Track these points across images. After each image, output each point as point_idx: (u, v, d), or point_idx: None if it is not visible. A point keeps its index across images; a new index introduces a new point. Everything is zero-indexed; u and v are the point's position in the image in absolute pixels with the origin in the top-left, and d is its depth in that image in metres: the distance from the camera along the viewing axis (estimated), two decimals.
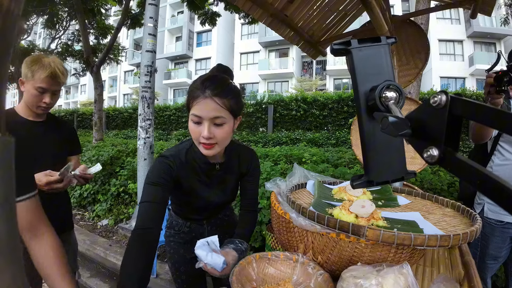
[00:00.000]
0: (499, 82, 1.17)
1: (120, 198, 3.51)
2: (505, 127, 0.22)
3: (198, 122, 0.81)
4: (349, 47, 0.37)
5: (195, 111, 0.80)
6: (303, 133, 8.35)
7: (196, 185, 0.95)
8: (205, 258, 0.78)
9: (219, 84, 0.81)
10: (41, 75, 1.15)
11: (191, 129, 0.83)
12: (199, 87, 0.80)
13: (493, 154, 1.44)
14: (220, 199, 1.02)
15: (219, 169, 0.97)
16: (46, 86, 1.18)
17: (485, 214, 1.43)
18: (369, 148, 0.38)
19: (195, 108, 0.80)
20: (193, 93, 0.81)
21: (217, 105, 0.79)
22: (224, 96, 0.80)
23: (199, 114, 0.79)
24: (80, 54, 9.25)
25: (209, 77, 0.83)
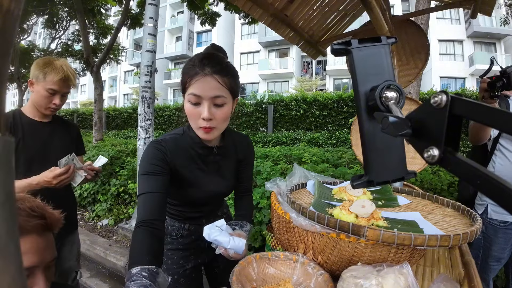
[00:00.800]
0: (493, 87, 1.19)
1: (120, 198, 3.51)
2: (505, 126, 0.22)
3: (197, 103, 0.76)
4: (349, 47, 0.37)
5: (194, 90, 0.74)
6: (303, 133, 8.35)
7: (193, 173, 0.88)
8: (227, 244, 0.77)
9: (219, 61, 0.77)
10: (54, 78, 1.18)
11: (188, 111, 0.78)
12: (197, 64, 0.74)
13: (493, 154, 1.44)
14: (219, 187, 0.94)
15: (217, 153, 0.91)
16: (58, 88, 1.21)
17: (488, 215, 1.43)
18: (369, 148, 0.38)
19: (193, 87, 0.74)
20: (190, 71, 0.75)
21: (217, 83, 0.74)
22: (224, 74, 0.76)
23: (199, 93, 0.74)
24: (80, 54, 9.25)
25: (207, 55, 0.77)
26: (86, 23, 6.48)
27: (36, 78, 1.19)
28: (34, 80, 1.20)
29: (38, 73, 1.19)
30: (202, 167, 0.91)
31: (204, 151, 0.89)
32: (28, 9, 6.86)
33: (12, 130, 1.18)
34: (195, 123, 0.79)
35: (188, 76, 0.76)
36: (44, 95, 1.20)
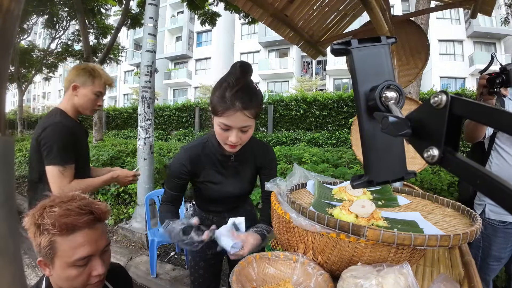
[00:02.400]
0: (492, 83, 1.19)
1: (120, 198, 3.51)
2: (505, 126, 0.22)
3: (226, 129, 0.87)
4: (349, 47, 0.37)
5: (224, 121, 0.85)
6: (303, 133, 8.35)
7: (213, 175, 1.05)
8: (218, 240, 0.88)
9: (249, 96, 0.85)
10: (101, 82, 1.35)
11: (218, 132, 0.90)
12: (228, 98, 0.83)
13: (490, 154, 1.45)
14: (235, 189, 1.09)
15: (234, 160, 1.05)
16: (104, 90, 1.39)
17: (486, 215, 1.43)
18: (369, 148, 0.38)
19: (224, 119, 0.85)
20: (221, 103, 0.84)
21: (246, 117, 0.85)
22: (252, 107, 0.85)
23: (229, 124, 0.85)
24: (80, 54, 9.26)
25: (239, 89, 0.84)
26: (86, 23, 6.47)
27: (83, 83, 1.31)
28: (81, 85, 1.31)
29: (85, 78, 1.31)
30: (222, 171, 1.06)
31: (223, 158, 1.04)
32: (28, 9, 6.86)
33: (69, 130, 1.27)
34: (222, 141, 0.93)
35: (219, 107, 0.85)
36: (92, 98, 1.33)
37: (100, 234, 0.71)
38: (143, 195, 2.75)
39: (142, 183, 2.87)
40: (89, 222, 0.67)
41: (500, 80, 1.16)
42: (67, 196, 0.71)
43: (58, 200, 0.69)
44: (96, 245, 0.69)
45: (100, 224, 0.72)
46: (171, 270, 2.39)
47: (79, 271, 0.67)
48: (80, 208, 0.67)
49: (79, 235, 0.66)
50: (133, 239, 2.94)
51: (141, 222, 2.95)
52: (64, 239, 0.65)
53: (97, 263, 0.69)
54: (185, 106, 11.19)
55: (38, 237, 0.65)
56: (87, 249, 0.67)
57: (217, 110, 0.85)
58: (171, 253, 2.68)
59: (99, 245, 0.70)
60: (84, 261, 0.67)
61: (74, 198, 0.70)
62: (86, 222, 0.66)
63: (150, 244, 2.26)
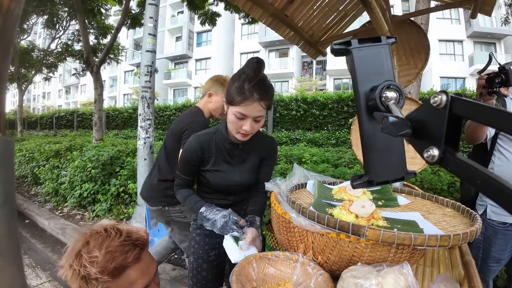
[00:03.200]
0: (491, 83, 1.19)
1: (120, 198, 3.51)
2: (505, 126, 0.22)
3: (242, 118, 0.93)
4: (349, 47, 0.37)
5: (241, 110, 0.91)
6: (303, 133, 8.35)
7: (220, 164, 1.08)
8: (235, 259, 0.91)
9: (265, 88, 0.91)
10: None
11: (232, 121, 0.95)
12: (247, 89, 0.89)
13: (492, 155, 1.44)
14: (242, 178, 1.11)
15: (242, 148, 1.08)
16: None
17: (487, 216, 1.42)
18: (369, 148, 0.38)
19: (241, 108, 0.91)
20: (240, 93, 0.90)
21: (261, 108, 0.92)
22: (267, 98, 0.92)
23: (246, 113, 0.91)
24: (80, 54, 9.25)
25: (257, 82, 0.90)
26: (86, 23, 6.47)
27: (216, 91, 1.56)
28: (214, 93, 1.56)
29: (217, 87, 1.55)
30: (229, 159, 1.09)
31: (231, 146, 1.07)
32: (28, 9, 6.86)
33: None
34: (235, 129, 0.97)
35: (238, 96, 0.90)
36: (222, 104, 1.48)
37: (148, 262, 0.68)
38: None
39: (142, 183, 2.87)
40: (137, 256, 0.64)
41: (499, 79, 1.16)
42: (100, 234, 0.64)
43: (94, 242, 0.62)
44: (148, 273, 0.67)
45: (145, 251, 0.69)
46: (171, 270, 2.39)
47: None
48: (123, 245, 0.62)
49: (131, 273, 0.63)
50: None
51: (141, 222, 2.95)
52: (117, 282, 0.61)
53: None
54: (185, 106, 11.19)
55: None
56: (142, 282, 0.64)
57: (234, 100, 0.91)
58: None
59: (151, 272, 0.68)
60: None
61: (109, 234, 0.64)
62: (134, 258, 0.63)
63: (150, 244, 2.25)
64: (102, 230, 0.65)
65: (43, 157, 4.92)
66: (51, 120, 17.09)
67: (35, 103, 36.43)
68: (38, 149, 5.39)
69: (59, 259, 0.65)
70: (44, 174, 4.50)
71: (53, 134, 15.06)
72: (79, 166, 3.66)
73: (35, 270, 2.50)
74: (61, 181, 4.08)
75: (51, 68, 11.97)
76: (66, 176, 3.99)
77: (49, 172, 4.44)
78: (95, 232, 0.64)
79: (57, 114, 16.86)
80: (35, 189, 5.08)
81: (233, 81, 0.94)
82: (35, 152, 5.38)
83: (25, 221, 3.72)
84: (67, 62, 11.61)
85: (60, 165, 4.46)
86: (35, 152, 5.36)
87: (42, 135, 13.98)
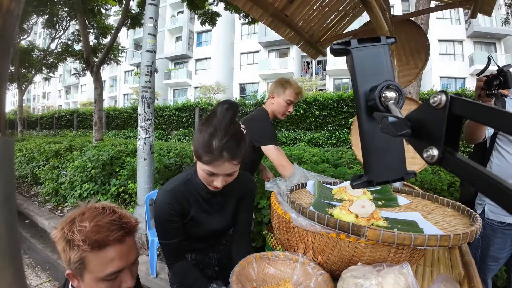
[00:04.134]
0: (489, 85, 1.19)
1: (120, 198, 3.51)
2: (504, 126, 0.22)
3: (212, 175, 0.83)
4: (349, 47, 0.37)
5: (210, 169, 0.80)
6: (303, 133, 8.35)
7: (198, 214, 0.96)
8: None
9: (237, 144, 0.79)
10: (291, 92, 1.60)
11: (202, 176, 0.85)
12: (215, 149, 0.77)
13: (491, 154, 1.44)
14: (221, 225, 1.02)
15: (218, 196, 0.98)
16: (294, 99, 1.63)
17: (485, 215, 1.43)
18: (369, 148, 0.38)
19: (210, 167, 0.80)
20: (207, 153, 0.78)
21: (233, 166, 0.81)
22: (240, 155, 0.81)
23: (216, 172, 0.81)
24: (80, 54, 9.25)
25: (228, 139, 0.78)
26: (86, 23, 6.47)
27: (278, 93, 1.63)
28: (276, 95, 1.64)
29: (279, 89, 1.62)
30: (207, 208, 0.98)
31: (208, 195, 0.96)
32: (28, 9, 6.86)
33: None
34: (206, 183, 0.88)
35: (206, 156, 0.79)
36: (283, 105, 1.62)
37: (130, 247, 0.70)
38: (143, 195, 2.75)
39: (142, 183, 2.87)
40: (120, 237, 0.67)
41: (497, 82, 1.17)
42: (96, 209, 0.69)
43: (88, 214, 0.67)
44: (127, 259, 0.68)
45: (130, 237, 0.71)
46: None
47: (109, 284, 0.66)
48: (111, 223, 0.66)
49: (110, 250, 0.65)
50: None
51: (141, 222, 2.94)
52: (95, 255, 0.64)
53: (127, 276, 0.69)
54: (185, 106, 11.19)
55: (67, 252, 0.64)
56: (118, 264, 0.66)
57: (202, 158, 0.80)
58: None
59: (130, 258, 0.69)
60: (115, 275, 0.66)
61: (104, 211, 0.69)
62: (116, 239, 0.66)
63: (150, 244, 2.26)
64: (100, 207, 0.70)
65: (43, 157, 4.92)
66: (51, 120, 17.10)
67: (35, 103, 36.44)
68: (38, 149, 5.39)
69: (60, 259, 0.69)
70: (44, 174, 4.50)
71: (53, 134, 15.06)
72: (79, 166, 3.66)
73: (35, 270, 2.51)
74: (61, 181, 4.08)
75: (51, 68, 11.97)
76: (66, 176, 3.99)
77: (49, 172, 4.45)
78: (94, 207, 0.70)
79: (57, 114, 16.87)
80: (35, 189, 5.08)
81: (200, 132, 0.80)
82: (35, 152, 5.38)
83: (25, 221, 3.72)
84: (67, 62, 11.61)
85: (60, 165, 4.47)
86: (35, 152, 5.36)
87: (42, 135, 13.98)
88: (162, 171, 3.45)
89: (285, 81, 1.63)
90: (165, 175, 3.48)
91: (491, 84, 1.18)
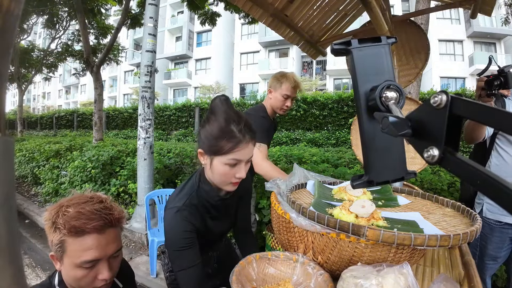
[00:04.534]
0: (490, 86, 1.20)
1: (120, 198, 3.51)
2: (505, 126, 0.22)
3: (235, 165, 0.80)
4: (349, 47, 0.37)
5: (237, 156, 0.78)
6: (303, 133, 8.36)
7: (208, 223, 0.92)
8: None
9: (251, 125, 0.81)
10: (288, 86, 1.56)
11: (223, 172, 0.80)
12: (237, 133, 0.77)
13: (490, 154, 1.45)
14: (227, 227, 1.03)
15: (229, 197, 0.95)
16: (292, 93, 1.58)
17: (483, 214, 1.43)
18: (369, 148, 0.38)
19: (237, 154, 0.78)
20: (231, 139, 0.77)
21: (252, 149, 0.82)
22: (255, 136, 0.82)
23: (240, 158, 0.79)
24: (80, 54, 9.25)
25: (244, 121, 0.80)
26: (86, 23, 6.47)
27: (274, 88, 1.59)
28: (273, 89, 1.60)
29: (275, 84, 1.58)
30: (215, 215, 0.94)
31: (218, 201, 0.92)
32: (28, 9, 6.86)
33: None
34: (227, 180, 0.83)
35: (229, 143, 0.77)
36: (280, 99, 1.59)
37: (110, 239, 0.70)
38: (143, 195, 2.75)
39: (142, 183, 2.87)
40: (98, 227, 0.67)
41: (498, 82, 1.17)
42: (85, 197, 0.71)
43: (75, 201, 0.69)
44: (105, 250, 0.68)
45: (112, 229, 0.71)
46: None
47: (85, 272, 0.67)
48: (92, 212, 0.67)
49: (88, 238, 0.66)
50: (133, 239, 2.94)
51: (141, 222, 2.95)
52: (74, 240, 0.65)
53: (103, 268, 0.69)
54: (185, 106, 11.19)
55: (51, 234, 0.67)
56: (94, 253, 0.66)
57: (224, 149, 0.77)
58: None
59: (108, 250, 0.69)
60: (91, 264, 0.67)
61: (92, 200, 0.70)
62: (94, 228, 0.66)
63: (150, 244, 2.26)
64: (89, 196, 0.72)
65: (43, 157, 4.92)
66: (51, 120, 17.10)
67: (35, 103, 36.44)
68: (38, 149, 5.39)
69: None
70: (44, 174, 4.50)
71: (53, 134, 15.07)
72: (79, 166, 3.66)
73: (35, 270, 2.51)
74: (61, 181, 4.08)
75: (51, 68, 11.97)
76: (66, 176, 3.99)
77: (49, 172, 4.45)
78: (84, 195, 0.72)
79: (57, 114, 16.87)
80: (35, 189, 5.08)
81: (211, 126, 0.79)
82: (35, 152, 5.38)
83: (25, 221, 3.72)
84: (67, 62, 11.61)
85: (60, 165, 4.47)
86: (35, 152, 5.36)
87: (42, 135, 13.99)
88: (162, 171, 3.45)
89: (281, 75, 1.59)
90: (165, 175, 3.48)
91: (492, 84, 1.19)
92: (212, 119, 0.80)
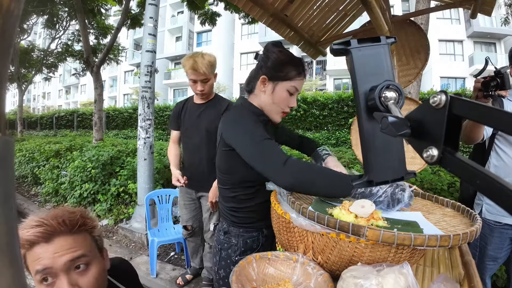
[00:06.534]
0: (487, 87, 1.20)
1: (120, 198, 3.51)
2: (504, 126, 0.22)
3: (292, 94, 0.91)
4: (349, 47, 0.37)
5: (296, 84, 0.90)
6: (303, 133, 8.34)
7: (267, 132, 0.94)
8: None
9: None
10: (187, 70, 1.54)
11: (282, 98, 0.91)
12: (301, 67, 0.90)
13: (490, 155, 1.45)
14: None
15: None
16: (194, 77, 1.55)
17: (483, 215, 1.43)
18: (369, 148, 0.38)
19: (297, 82, 0.90)
20: (298, 68, 0.89)
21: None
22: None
23: (299, 88, 0.92)
24: (80, 54, 9.26)
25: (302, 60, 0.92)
26: (86, 23, 6.47)
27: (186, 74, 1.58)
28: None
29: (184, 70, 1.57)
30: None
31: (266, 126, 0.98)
32: (28, 9, 6.87)
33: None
34: (280, 108, 0.93)
35: (294, 71, 0.88)
36: (191, 84, 1.59)
37: (60, 248, 0.63)
38: (143, 195, 2.75)
39: (142, 183, 2.88)
40: (40, 235, 0.62)
41: (494, 83, 1.17)
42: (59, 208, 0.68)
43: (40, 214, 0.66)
44: (53, 259, 0.62)
45: (61, 237, 0.64)
46: (171, 270, 2.39)
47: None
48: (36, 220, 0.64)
49: (36, 248, 0.62)
50: (133, 239, 2.94)
51: (141, 222, 2.95)
52: (29, 254, 0.62)
53: (62, 284, 0.62)
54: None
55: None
56: (42, 262, 0.61)
57: (289, 75, 0.88)
58: (171, 253, 2.68)
59: (58, 260, 0.62)
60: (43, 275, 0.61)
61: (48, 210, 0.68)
62: (35, 236, 0.62)
63: (150, 244, 2.26)
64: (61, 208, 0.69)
65: (43, 157, 4.92)
66: (51, 120, 17.11)
67: (35, 103, 36.46)
68: (38, 149, 5.39)
69: None
70: (44, 174, 4.50)
71: (53, 134, 15.07)
72: (79, 166, 3.66)
73: None
74: (61, 181, 4.08)
75: (51, 68, 11.98)
76: (66, 176, 4.00)
77: (49, 172, 4.45)
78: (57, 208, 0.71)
79: (57, 114, 16.88)
80: (35, 189, 5.08)
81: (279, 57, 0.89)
82: (35, 152, 5.38)
83: None
84: (67, 62, 11.61)
85: (60, 165, 4.47)
86: (35, 152, 5.36)
87: (42, 135, 13.99)
88: (162, 171, 3.45)
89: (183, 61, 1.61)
90: (165, 175, 3.48)
91: (488, 85, 1.19)
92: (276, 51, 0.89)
